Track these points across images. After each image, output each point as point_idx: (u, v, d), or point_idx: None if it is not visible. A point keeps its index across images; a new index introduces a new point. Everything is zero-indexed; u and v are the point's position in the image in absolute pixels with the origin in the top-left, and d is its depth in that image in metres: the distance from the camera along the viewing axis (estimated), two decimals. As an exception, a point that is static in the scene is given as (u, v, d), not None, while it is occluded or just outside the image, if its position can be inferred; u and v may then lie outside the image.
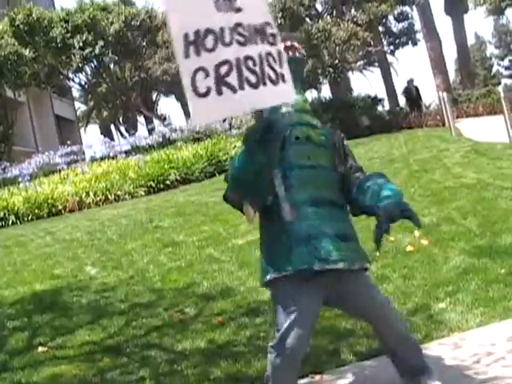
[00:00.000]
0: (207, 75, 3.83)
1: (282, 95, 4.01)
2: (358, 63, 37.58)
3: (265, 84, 3.90)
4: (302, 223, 4.15)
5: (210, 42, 3.84)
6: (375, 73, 43.94)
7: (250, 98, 3.86)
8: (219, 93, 3.82)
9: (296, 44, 4.55)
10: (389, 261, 7.85)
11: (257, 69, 3.89)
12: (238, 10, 3.92)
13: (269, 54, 3.96)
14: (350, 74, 40.74)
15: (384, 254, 8.07)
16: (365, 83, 53.20)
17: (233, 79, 3.84)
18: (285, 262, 4.14)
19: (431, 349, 5.28)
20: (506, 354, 4.86)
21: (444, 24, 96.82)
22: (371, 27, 35.10)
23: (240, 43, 3.89)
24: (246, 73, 3.86)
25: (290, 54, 4.43)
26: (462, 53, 45.78)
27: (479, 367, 4.77)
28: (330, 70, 33.81)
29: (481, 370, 4.70)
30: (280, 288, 4.21)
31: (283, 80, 3.99)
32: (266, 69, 3.92)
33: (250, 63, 3.89)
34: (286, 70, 4.02)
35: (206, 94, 3.83)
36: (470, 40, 67.45)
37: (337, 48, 33.03)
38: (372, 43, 35.21)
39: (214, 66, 3.84)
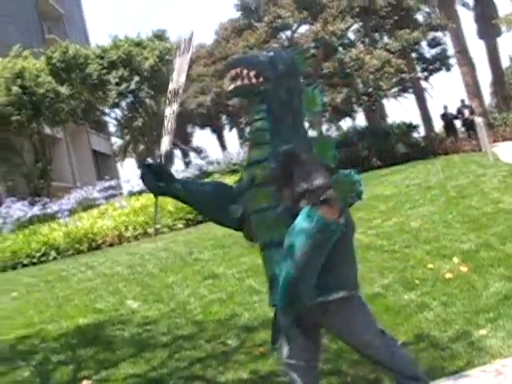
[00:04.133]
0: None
1: (163, 145, 4.69)
2: (392, 90, 37.50)
3: (166, 134, 4.70)
4: (265, 267, 4.28)
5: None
6: (410, 99, 43.79)
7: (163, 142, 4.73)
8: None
9: (240, 71, 4.26)
10: (428, 288, 7.85)
11: (166, 123, 4.72)
12: (171, 80, 4.77)
13: (170, 112, 4.73)
14: (384, 101, 40.73)
15: (423, 281, 8.09)
16: (400, 110, 53.11)
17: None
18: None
19: (473, 376, 5.28)
20: (549, 380, 4.86)
21: (477, 47, 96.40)
22: (404, 54, 35.20)
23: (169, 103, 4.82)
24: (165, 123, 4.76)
25: (233, 84, 4.28)
26: (496, 76, 45.61)
27: (522, 393, 4.77)
28: (364, 98, 33.89)
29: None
30: None
31: (168, 133, 4.70)
32: (167, 124, 4.72)
33: (166, 119, 4.75)
34: (170, 126, 4.72)
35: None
36: (505, 63, 67.00)
37: (370, 76, 33.11)
38: (405, 70, 35.21)
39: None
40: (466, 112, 33.83)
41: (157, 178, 4.51)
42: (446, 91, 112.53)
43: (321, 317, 4.17)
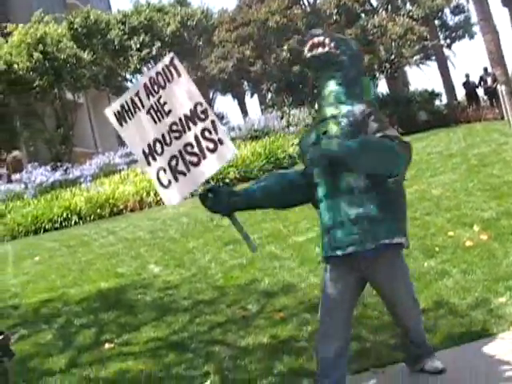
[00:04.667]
0: (165, 171, 5.05)
1: (222, 157, 4.89)
2: (415, 58, 37.21)
3: (205, 157, 4.85)
4: (324, 216, 4.70)
5: (159, 148, 5.03)
6: (432, 67, 43.51)
7: (197, 174, 4.92)
8: (176, 180, 5.03)
9: (323, 40, 4.81)
10: (448, 256, 7.87)
11: (195, 150, 4.88)
12: (169, 112, 4.92)
13: (203, 129, 4.85)
14: (406, 68, 40.46)
15: (443, 249, 8.11)
16: (422, 77, 52.76)
17: (181, 166, 4.96)
18: (321, 248, 4.87)
19: (492, 343, 5.32)
20: None
21: (501, 16, 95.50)
22: (427, 21, 34.93)
23: (177, 138, 4.94)
24: (188, 157, 4.91)
25: (315, 51, 4.81)
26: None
27: (540, 360, 4.80)
28: (387, 65, 33.70)
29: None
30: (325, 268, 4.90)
31: (221, 143, 4.83)
32: (204, 143, 4.85)
33: (189, 148, 4.91)
34: (221, 133, 4.88)
35: (168, 185, 5.08)
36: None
37: (393, 43, 32.90)
38: (428, 37, 34.94)
39: (167, 163, 5.02)
40: (489, 80, 33.51)
41: (220, 201, 4.91)
42: (468, 59, 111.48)
43: (371, 267, 4.63)
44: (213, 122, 4.82)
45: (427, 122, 29.21)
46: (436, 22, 38.58)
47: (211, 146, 4.81)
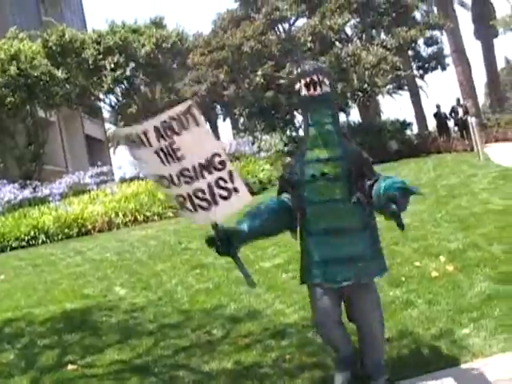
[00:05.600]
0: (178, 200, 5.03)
1: (236, 204, 4.89)
2: (388, 87, 37.49)
3: (216, 203, 4.85)
4: (316, 250, 5.01)
5: (165, 183, 4.96)
6: (404, 96, 43.90)
7: (204, 216, 4.94)
8: (185, 211, 5.03)
9: (322, 79, 4.93)
10: (414, 286, 7.91)
11: (207, 196, 4.85)
12: (181, 157, 4.79)
13: (219, 178, 4.82)
14: (379, 97, 40.75)
15: (409, 279, 8.15)
16: (394, 107, 53.28)
17: (189, 206, 4.94)
18: (306, 275, 5.20)
19: (454, 374, 5.35)
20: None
21: (474, 48, 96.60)
22: (400, 51, 35.23)
23: (187, 183, 4.85)
24: (198, 201, 4.89)
25: (310, 92, 4.93)
26: (491, 77, 45.75)
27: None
28: (360, 93, 33.94)
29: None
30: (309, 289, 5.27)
31: (236, 191, 4.83)
32: (217, 191, 4.84)
33: (200, 194, 4.87)
34: (238, 182, 4.86)
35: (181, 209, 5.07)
36: (500, 64, 67.24)
37: (366, 72, 33.14)
38: (401, 67, 35.24)
39: (175, 196, 5.01)
40: (460, 111, 33.85)
41: (225, 243, 4.98)
42: (441, 90, 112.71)
43: (355, 292, 5.08)
44: (230, 172, 4.82)
45: (398, 151, 29.50)
46: (409, 52, 38.93)
47: (225, 193, 4.84)
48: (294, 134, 35.87)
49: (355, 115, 40.40)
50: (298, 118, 36.69)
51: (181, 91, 42.09)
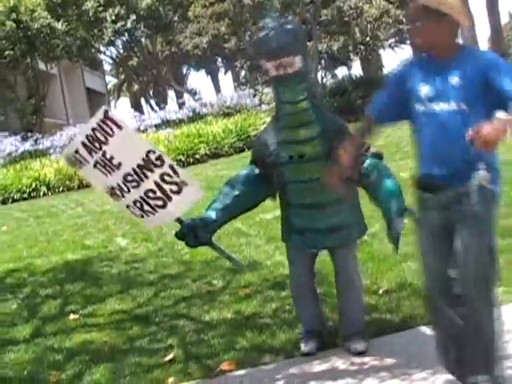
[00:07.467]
0: (133, 208, 5.08)
1: (190, 196, 4.98)
2: (390, 41, 37.34)
3: (170, 199, 4.89)
4: (296, 220, 5.02)
5: (117, 193, 5.00)
6: (406, 50, 43.66)
7: (164, 214, 5.01)
8: (147, 215, 5.08)
9: (285, 61, 4.61)
10: (413, 238, 7.91)
11: (158, 194, 4.87)
12: (119, 165, 4.81)
13: (163, 174, 4.80)
14: (381, 51, 40.57)
15: (409, 231, 8.17)
16: (396, 60, 52.96)
17: (148, 208, 5.00)
18: (286, 236, 5.25)
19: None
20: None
21: (477, 3, 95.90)
22: (403, 5, 34.92)
23: (135, 187, 4.89)
24: (153, 201, 4.92)
25: (279, 73, 4.65)
26: (495, 32, 45.39)
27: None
28: (361, 47, 33.79)
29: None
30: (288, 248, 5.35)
31: (186, 184, 4.85)
32: (167, 187, 4.84)
33: (151, 194, 4.90)
34: (183, 175, 4.89)
35: (142, 216, 5.15)
36: (504, 19, 66.76)
37: (368, 25, 32.96)
38: (404, 21, 35.00)
39: (132, 203, 5.03)
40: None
41: (198, 235, 5.00)
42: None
43: (334, 251, 5.15)
44: (171, 166, 4.82)
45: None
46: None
47: (175, 188, 4.85)
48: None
49: (357, 69, 40.28)
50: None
51: (182, 44, 41.90)
